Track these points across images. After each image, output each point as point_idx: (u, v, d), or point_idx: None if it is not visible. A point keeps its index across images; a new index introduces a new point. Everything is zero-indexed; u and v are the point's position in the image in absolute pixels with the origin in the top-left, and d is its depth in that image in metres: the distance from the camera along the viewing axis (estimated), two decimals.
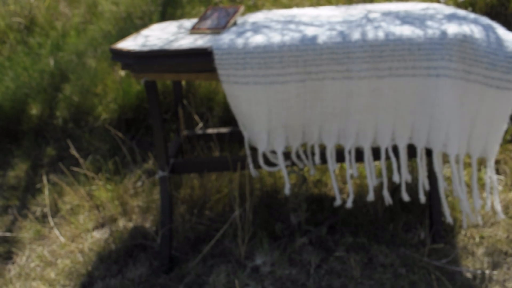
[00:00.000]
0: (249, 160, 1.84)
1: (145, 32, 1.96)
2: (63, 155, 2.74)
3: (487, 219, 2.00)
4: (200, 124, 2.55)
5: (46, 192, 2.42)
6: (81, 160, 2.30)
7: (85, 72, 3.00)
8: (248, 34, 1.66)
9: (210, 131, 2.34)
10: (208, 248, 1.95)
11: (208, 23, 1.82)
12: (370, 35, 1.56)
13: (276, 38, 1.60)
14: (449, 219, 1.77)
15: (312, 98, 1.64)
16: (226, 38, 1.65)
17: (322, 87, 1.62)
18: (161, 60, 1.66)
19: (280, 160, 1.75)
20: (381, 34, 1.56)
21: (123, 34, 3.09)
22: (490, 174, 1.69)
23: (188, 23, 2.06)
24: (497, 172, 2.24)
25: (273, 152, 1.79)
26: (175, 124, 2.62)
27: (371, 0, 2.95)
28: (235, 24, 1.84)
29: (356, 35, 1.57)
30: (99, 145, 2.69)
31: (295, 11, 2.01)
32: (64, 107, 2.94)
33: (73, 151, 2.35)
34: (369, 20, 1.71)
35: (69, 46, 3.36)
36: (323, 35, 1.59)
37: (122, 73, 2.87)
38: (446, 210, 1.75)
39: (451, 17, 1.68)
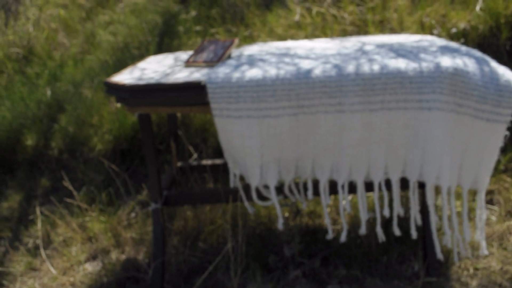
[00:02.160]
0: (244, 197, 1.82)
1: (141, 64, 1.97)
2: (57, 186, 2.73)
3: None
4: (195, 155, 2.56)
5: (39, 223, 2.40)
6: (74, 192, 2.30)
7: (81, 102, 3.01)
8: (242, 67, 1.68)
9: (204, 162, 2.34)
10: (201, 281, 1.93)
11: (203, 56, 1.84)
12: (363, 68, 1.57)
13: (270, 71, 1.61)
14: (439, 256, 1.75)
15: (305, 132, 1.65)
16: (219, 71, 1.66)
17: (315, 121, 1.62)
18: (155, 94, 1.67)
19: (273, 195, 1.74)
20: (373, 68, 1.57)
21: (120, 64, 3.12)
22: (480, 206, 1.69)
23: (184, 55, 2.08)
24: (491, 202, 2.24)
25: (266, 186, 1.78)
26: (169, 155, 2.62)
27: (365, 32, 2.98)
28: (229, 57, 1.86)
29: (348, 69, 1.58)
30: (93, 176, 2.68)
31: (290, 44, 2.03)
32: (59, 138, 2.95)
33: (66, 183, 2.34)
34: (363, 53, 1.73)
35: (66, 76, 3.38)
36: (317, 69, 1.60)
37: (118, 104, 2.89)
38: (437, 245, 1.74)
39: (443, 50, 1.70)
